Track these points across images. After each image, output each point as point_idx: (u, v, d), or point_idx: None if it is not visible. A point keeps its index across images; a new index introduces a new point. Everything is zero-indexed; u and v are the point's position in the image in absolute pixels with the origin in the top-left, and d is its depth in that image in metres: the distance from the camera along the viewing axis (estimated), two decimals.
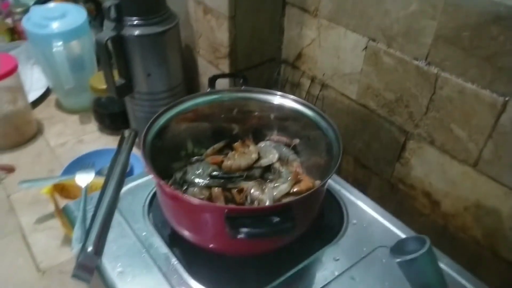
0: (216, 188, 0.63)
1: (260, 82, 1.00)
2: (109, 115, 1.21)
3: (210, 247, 0.58)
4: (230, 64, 0.95)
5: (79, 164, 0.96)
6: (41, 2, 1.32)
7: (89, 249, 0.45)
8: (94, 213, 0.49)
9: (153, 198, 0.68)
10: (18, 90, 1.15)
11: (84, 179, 0.82)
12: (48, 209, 0.97)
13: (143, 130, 0.61)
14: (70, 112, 1.32)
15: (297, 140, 0.71)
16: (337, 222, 0.66)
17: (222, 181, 0.64)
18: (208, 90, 0.71)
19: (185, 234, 0.58)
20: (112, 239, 0.61)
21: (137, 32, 0.90)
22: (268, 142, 0.73)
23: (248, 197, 0.61)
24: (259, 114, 0.72)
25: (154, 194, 0.69)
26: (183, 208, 0.56)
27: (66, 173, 0.99)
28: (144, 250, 0.60)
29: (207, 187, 0.63)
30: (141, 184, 0.71)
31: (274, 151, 0.70)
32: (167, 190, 0.55)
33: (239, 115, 0.73)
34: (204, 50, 1.02)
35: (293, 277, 0.57)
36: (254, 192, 0.61)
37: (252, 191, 0.61)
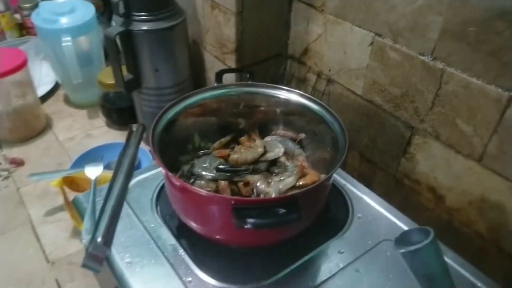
0: (223, 181, 0.63)
1: (267, 78, 1.00)
2: (117, 110, 1.22)
3: (217, 238, 0.59)
4: (237, 60, 0.95)
5: (88, 158, 0.98)
6: None
7: (99, 240, 0.45)
8: (103, 205, 0.49)
9: (161, 191, 0.69)
10: (28, 85, 1.17)
11: (93, 172, 0.84)
12: (57, 202, 0.99)
13: (152, 124, 0.61)
14: (78, 107, 1.33)
15: (303, 135, 0.72)
16: (342, 216, 0.67)
17: (229, 174, 0.64)
18: (215, 85, 0.72)
19: (193, 226, 0.59)
20: (121, 230, 0.62)
21: (145, 27, 0.91)
22: (274, 137, 0.74)
23: (254, 190, 0.61)
24: (265, 109, 0.73)
25: (162, 187, 0.70)
26: (191, 200, 0.57)
27: (75, 167, 1.01)
28: (152, 241, 0.61)
29: (214, 180, 0.64)
30: (149, 177, 0.72)
31: (280, 145, 0.70)
32: (176, 182, 0.56)
33: (246, 110, 0.73)
34: (211, 46, 1.03)
35: (299, 269, 0.58)
36: (260, 185, 0.61)
37: (258, 184, 0.61)
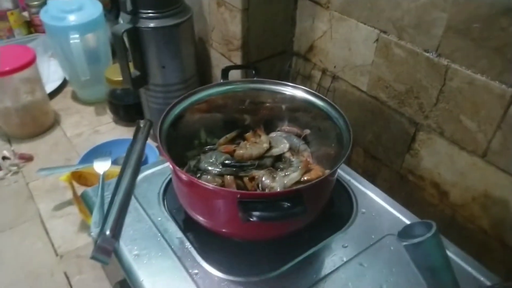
0: (229, 176, 0.64)
1: (272, 74, 1.01)
2: (124, 107, 1.23)
3: (223, 232, 0.60)
4: (243, 57, 0.96)
5: (96, 154, 0.99)
6: None
7: (107, 233, 0.46)
8: (112, 199, 0.50)
9: (168, 186, 0.71)
10: (36, 82, 1.18)
11: (102, 167, 0.85)
12: (66, 196, 1.00)
13: (159, 120, 0.63)
14: (86, 104, 1.34)
15: (308, 131, 0.73)
16: (347, 211, 0.67)
17: (234, 169, 0.65)
18: (221, 81, 0.73)
19: (199, 219, 0.60)
20: (129, 224, 0.63)
21: (152, 25, 0.92)
22: (279, 133, 0.75)
23: (260, 185, 0.62)
24: (271, 105, 0.74)
25: (169, 182, 0.71)
26: (198, 194, 0.58)
27: (83, 162, 1.02)
28: (159, 235, 0.62)
29: (220, 175, 0.65)
30: (156, 172, 0.74)
31: (285, 141, 0.71)
32: (183, 176, 0.57)
33: (251, 106, 0.74)
34: (217, 43, 1.04)
35: (303, 262, 0.59)
36: (265, 180, 0.62)
37: (263, 179, 0.62)
